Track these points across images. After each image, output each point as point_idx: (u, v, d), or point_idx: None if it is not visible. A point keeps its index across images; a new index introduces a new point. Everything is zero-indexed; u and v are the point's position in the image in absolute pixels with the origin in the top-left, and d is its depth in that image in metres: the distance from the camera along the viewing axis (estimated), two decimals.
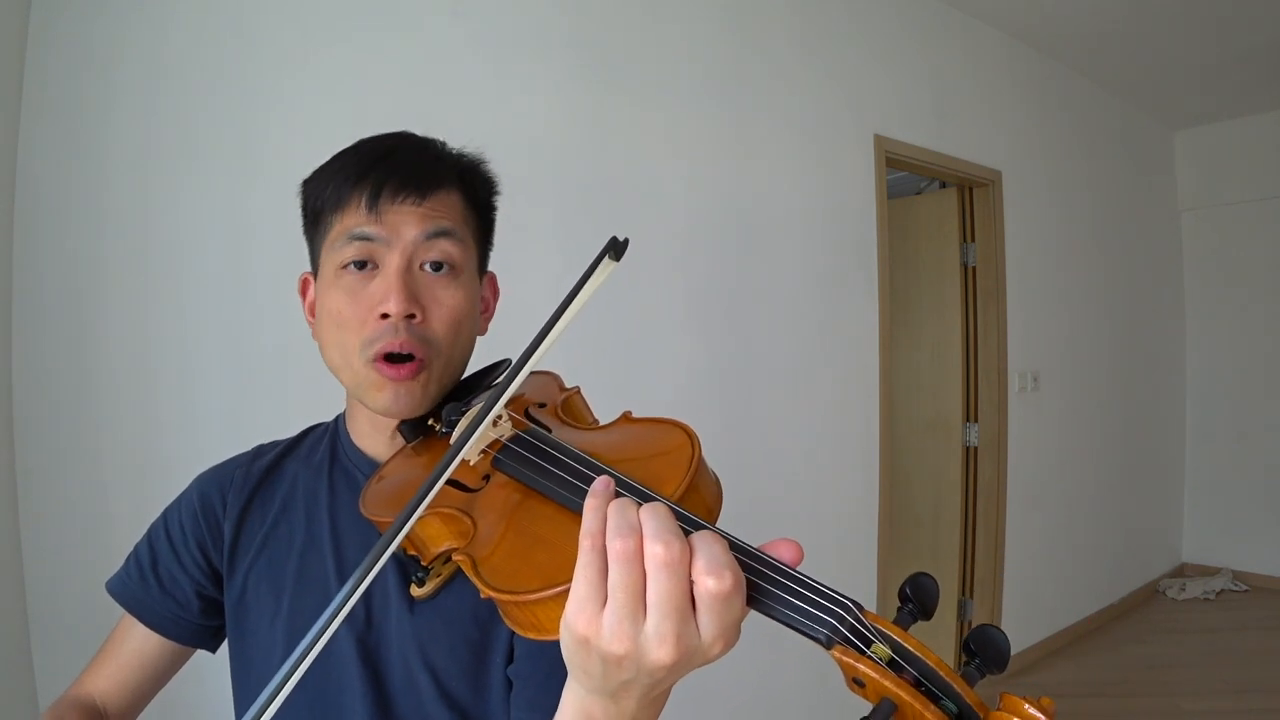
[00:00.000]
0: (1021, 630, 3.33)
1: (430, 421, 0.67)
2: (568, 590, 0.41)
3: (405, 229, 0.64)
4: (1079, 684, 3.20)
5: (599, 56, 2.01)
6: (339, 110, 1.58)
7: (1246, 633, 3.69)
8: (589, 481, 0.45)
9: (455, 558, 0.50)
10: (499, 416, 0.57)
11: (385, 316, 0.63)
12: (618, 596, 0.38)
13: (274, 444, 0.81)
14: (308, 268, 0.73)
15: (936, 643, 3.27)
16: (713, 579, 0.38)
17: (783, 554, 0.42)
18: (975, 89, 3.15)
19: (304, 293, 0.74)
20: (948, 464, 3.34)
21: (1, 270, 1.30)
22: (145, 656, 0.75)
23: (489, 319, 0.78)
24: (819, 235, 2.52)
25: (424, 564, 0.58)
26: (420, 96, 1.70)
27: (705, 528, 0.42)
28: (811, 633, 0.39)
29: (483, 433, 0.55)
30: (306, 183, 0.71)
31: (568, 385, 0.71)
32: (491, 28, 1.83)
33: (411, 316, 0.64)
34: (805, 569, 0.41)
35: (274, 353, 1.49)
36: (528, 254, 1.83)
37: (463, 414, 0.63)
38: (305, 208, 0.71)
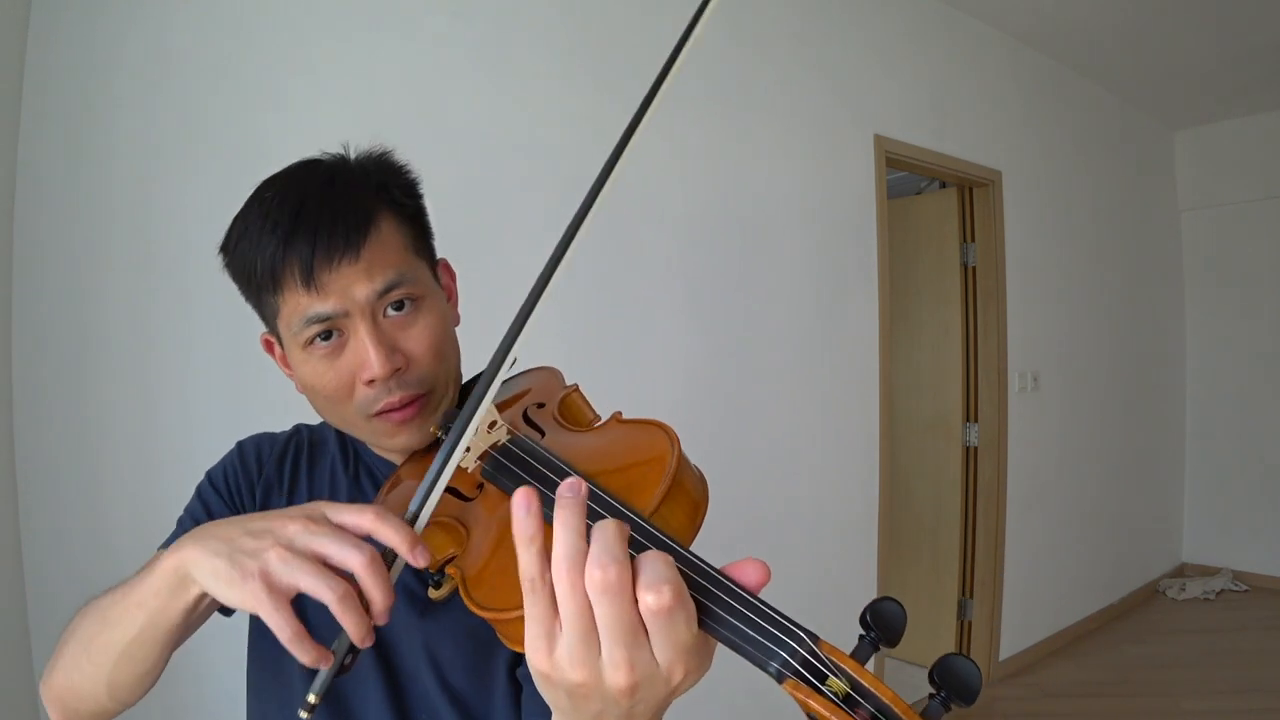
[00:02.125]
0: (1021, 630, 3.33)
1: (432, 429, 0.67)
2: None
3: (355, 291, 0.60)
4: (1079, 684, 3.20)
5: (599, 56, 2.01)
6: (339, 110, 1.58)
7: (1246, 633, 3.69)
8: None
9: (448, 570, 0.50)
10: (493, 421, 0.56)
11: (372, 382, 0.61)
12: (570, 622, 0.37)
13: (309, 427, 0.81)
14: None
15: (936, 644, 3.27)
16: (651, 594, 0.36)
17: (745, 575, 0.39)
18: (975, 89, 3.15)
19: (270, 350, 0.72)
20: (948, 464, 3.34)
21: (1, 270, 1.30)
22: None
23: (456, 304, 0.76)
24: (819, 235, 2.52)
25: (432, 571, 0.58)
26: (420, 96, 1.70)
27: (663, 543, 0.41)
28: (761, 664, 0.37)
29: (477, 437, 0.55)
30: (225, 252, 0.68)
31: (568, 383, 0.71)
32: (491, 28, 1.83)
33: (398, 369, 0.62)
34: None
35: None
36: (527, 254, 1.83)
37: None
38: (235, 279, 0.68)
